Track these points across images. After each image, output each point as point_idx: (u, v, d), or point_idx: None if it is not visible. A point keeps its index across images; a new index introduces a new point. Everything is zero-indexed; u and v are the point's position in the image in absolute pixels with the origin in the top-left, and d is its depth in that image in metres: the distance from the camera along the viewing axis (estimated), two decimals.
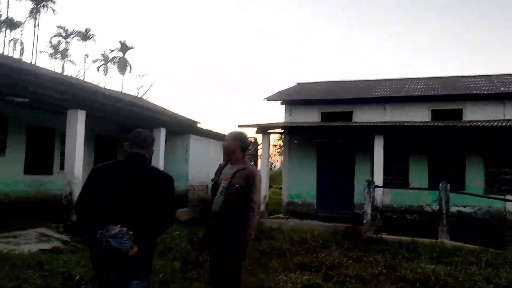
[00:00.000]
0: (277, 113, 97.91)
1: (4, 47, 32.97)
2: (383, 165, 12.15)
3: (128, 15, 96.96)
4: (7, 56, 15.55)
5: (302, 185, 14.25)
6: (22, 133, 12.15)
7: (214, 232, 3.88)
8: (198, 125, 18.14)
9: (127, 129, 15.29)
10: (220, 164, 4.26)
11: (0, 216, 10.29)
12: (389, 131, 12.36)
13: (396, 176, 13.62)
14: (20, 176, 12.04)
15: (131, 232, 2.74)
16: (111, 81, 65.91)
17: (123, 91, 20.72)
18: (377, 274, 6.81)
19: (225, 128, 77.25)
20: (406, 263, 7.67)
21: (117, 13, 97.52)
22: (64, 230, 9.27)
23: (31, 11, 32.18)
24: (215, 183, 4.05)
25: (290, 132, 13.87)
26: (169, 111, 18.58)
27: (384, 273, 6.88)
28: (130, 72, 45.18)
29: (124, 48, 45.82)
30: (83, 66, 41.90)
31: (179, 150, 15.52)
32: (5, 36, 32.68)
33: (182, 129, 15.25)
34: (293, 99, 15.33)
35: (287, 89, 16.96)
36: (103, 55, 45.65)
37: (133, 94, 24.36)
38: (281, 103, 15.28)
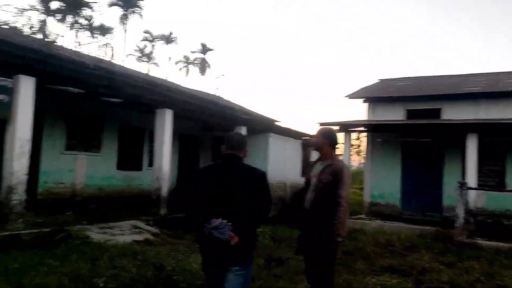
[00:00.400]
0: (355, 111, 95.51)
1: (97, 52, 35.66)
2: (476, 166, 11.30)
3: (209, 18, 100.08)
4: (102, 60, 16.81)
5: (385, 185, 13.72)
6: (115, 132, 13.01)
7: (306, 229, 3.91)
8: (277, 123, 18.20)
9: (208, 128, 15.85)
10: (311, 161, 4.34)
11: (96, 208, 11.15)
12: (484, 129, 11.46)
13: (490, 178, 12.61)
14: (114, 172, 12.91)
15: (230, 224, 3.06)
16: (192, 82, 68.86)
17: (203, 91, 21.46)
18: (473, 282, 6.33)
19: (305, 126, 76.97)
20: (506, 271, 7.06)
21: (198, 15, 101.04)
22: (154, 223, 9.76)
23: (121, 17, 34.66)
24: (307, 180, 4.09)
25: (374, 130, 13.41)
26: (249, 110, 18.85)
27: (481, 281, 6.39)
28: (209, 73, 46.92)
29: (204, 49, 47.54)
30: (166, 68, 44.26)
31: (259, 148, 15.68)
32: (97, 42, 35.50)
33: (262, 128, 15.39)
34: (376, 96, 14.81)
35: (369, 86, 16.44)
36: (185, 57, 47.76)
37: (213, 94, 25.05)
38: (364, 101, 14.82)
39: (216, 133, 16.54)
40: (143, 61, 42.71)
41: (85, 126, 11.95)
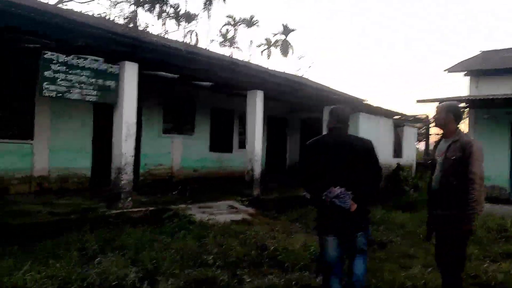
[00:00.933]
0: (452, 88, 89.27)
1: (183, 38, 36.92)
2: None
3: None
4: (190, 45, 17.36)
5: (491, 166, 12.53)
6: (207, 115, 13.35)
7: (437, 211, 3.66)
8: (366, 103, 17.49)
9: (295, 110, 15.64)
10: (435, 141, 4.15)
11: (193, 188, 11.57)
12: None
13: None
14: (207, 154, 13.29)
15: (350, 192, 3.29)
16: (274, 65, 69.06)
17: (288, 73, 21.33)
18: None
19: (399, 105, 73.57)
20: None
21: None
22: (249, 203, 9.89)
23: (205, 3, 35.45)
24: (432, 161, 3.86)
25: (478, 106, 12.31)
26: (336, 90, 18.34)
27: None
28: (292, 54, 46.40)
29: (286, 31, 47.06)
30: (248, 52, 44.73)
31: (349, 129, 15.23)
32: (184, 28, 36.69)
33: (351, 108, 14.87)
34: (479, 69, 13.56)
35: (470, 58, 15.10)
36: (266, 39, 47.71)
37: (298, 75, 24.75)
38: (465, 75, 13.66)
39: (304, 114, 16.34)
40: (226, 46, 43.51)
41: (179, 110, 12.39)
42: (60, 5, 19.73)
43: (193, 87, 12.53)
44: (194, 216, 7.93)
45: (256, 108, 10.72)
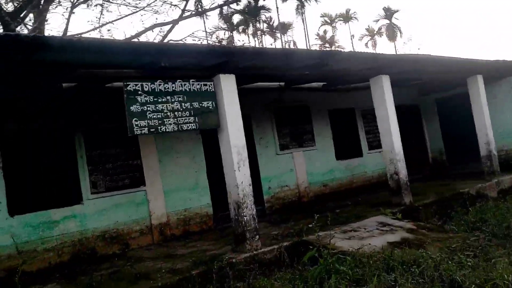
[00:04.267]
0: None
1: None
2: None
3: None
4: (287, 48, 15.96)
5: None
6: (325, 119, 11.61)
7: None
8: None
9: (426, 91, 13.08)
10: None
11: (326, 205, 9.85)
12: None
13: None
14: (334, 163, 11.50)
15: None
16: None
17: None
18: None
19: None
20: None
21: None
22: (402, 215, 7.83)
23: (297, 8, 34.13)
24: None
25: None
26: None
27: None
28: (401, 37, 42.50)
29: (389, 13, 43.39)
30: (351, 48, 42.00)
31: (501, 99, 12.22)
32: (281, 40, 35.67)
33: (502, 73, 11.88)
34: None
35: None
36: (367, 29, 44.59)
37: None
38: None
39: (438, 94, 13.71)
40: (326, 47, 41.46)
41: (293, 120, 10.86)
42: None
43: (303, 91, 10.98)
44: (339, 245, 6.20)
45: (385, 97, 8.72)
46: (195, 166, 8.98)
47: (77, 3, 16.52)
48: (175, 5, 17.90)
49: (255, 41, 45.70)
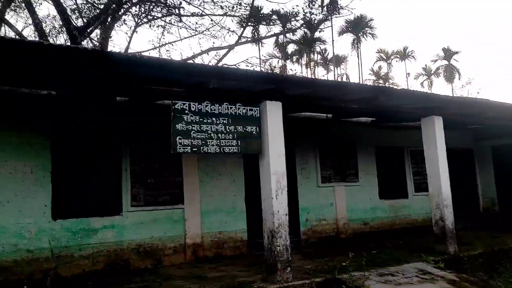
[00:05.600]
0: None
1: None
2: None
3: (448, 21, 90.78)
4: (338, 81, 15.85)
5: None
6: (371, 156, 11.33)
7: None
8: None
9: (482, 137, 12.50)
10: None
11: (364, 245, 9.48)
12: None
13: None
14: (377, 202, 11.13)
15: None
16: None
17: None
18: None
19: None
20: None
21: (434, 22, 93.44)
22: (445, 265, 7.38)
23: (353, 42, 34.06)
24: None
25: None
26: None
27: None
28: (459, 79, 41.21)
29: (448, 54, 42.37)
30: (406, 86, 41.16)
31: None
32: (334, 72, 35.61)
33: None
34: None
35: None
36: (424, 68, 43.67)
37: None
38: None
39: (494, 141, 13.05)
40: (379, 83, 40.92)
41: (338, 153, 10.66)
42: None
43: (350, 125, 10.82)
44: None
45: (436, 139, 8.40)
46: (234, 189, 8.98)
47: (140, 23, 17.39)
48: (233, 31, 18.49)
49: (307, 71, 45.99)
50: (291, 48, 33.16)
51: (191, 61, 15.42)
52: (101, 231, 7.44)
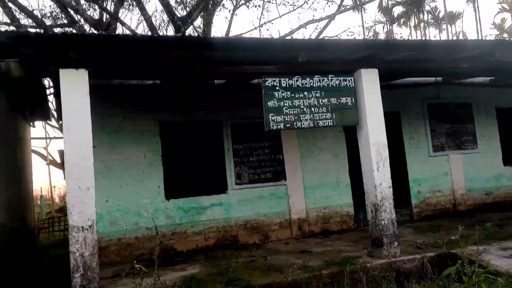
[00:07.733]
0: None
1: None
2: None
3: None
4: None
5: None
6: (492, 118, 10.17)
7: None
8: None
9: None
10: None
11: (487, 217, 8.64)
12: None
13: None
14: (501, 169, 10.01)
15: None
16: None
17: None
18: None
19: None
20: None
21: None
22: None
23: None
24: None
25: None
26: None
27: None
28: None
29: None
30: None
31: None
32: (447, 31, 32.38)
33: None
34: None
35: None
36: None
37: None
38: None
39: None
40: (504, 38, 36.29)
41: (450, 119, 9.75)
42: None
43: (464, 87, 9.81)
44: (494, 264, 5.34)
45: None
46: (337, 163, 8.78)
47: (238, 6, 17.68)
48: (332, 1, 17.81)
49: (416, 34, 42.66)
50: (397, 10, 31.06)
51: (287, 38, 15.26)
52: (209, 209, 7.87)
